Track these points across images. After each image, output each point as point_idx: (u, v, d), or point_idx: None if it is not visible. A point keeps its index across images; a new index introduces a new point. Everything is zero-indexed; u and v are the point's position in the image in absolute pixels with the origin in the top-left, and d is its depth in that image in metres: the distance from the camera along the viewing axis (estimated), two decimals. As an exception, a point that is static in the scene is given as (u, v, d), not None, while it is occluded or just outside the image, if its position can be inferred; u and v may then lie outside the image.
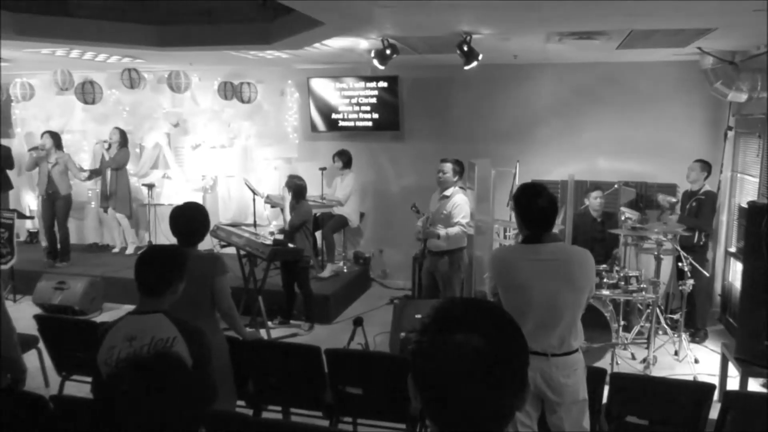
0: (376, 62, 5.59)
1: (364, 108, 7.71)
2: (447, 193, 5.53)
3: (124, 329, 2.40)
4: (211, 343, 2.63)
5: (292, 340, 5.75)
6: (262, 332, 5.76)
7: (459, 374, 0.99)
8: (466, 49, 5.16)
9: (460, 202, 5.46)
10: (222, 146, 8.29)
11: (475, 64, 5.36)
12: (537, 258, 2.82)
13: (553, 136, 7.24)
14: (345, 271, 7.49)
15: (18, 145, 8.62)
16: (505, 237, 6.68)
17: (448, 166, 5.53)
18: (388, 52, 5.44)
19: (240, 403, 3.71)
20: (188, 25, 5.46)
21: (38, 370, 4.68)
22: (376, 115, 7.68)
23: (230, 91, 7.74)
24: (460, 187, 5.98)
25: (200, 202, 7.60)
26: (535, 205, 2.83)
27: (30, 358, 4.04)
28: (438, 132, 7.59)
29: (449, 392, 1.00)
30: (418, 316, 4.86)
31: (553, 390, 2.81)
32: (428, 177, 5.76)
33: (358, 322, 4.60)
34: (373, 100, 7.65)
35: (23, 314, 5.02)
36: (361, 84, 7.66)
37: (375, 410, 3.61)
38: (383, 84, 7.56)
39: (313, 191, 7.51)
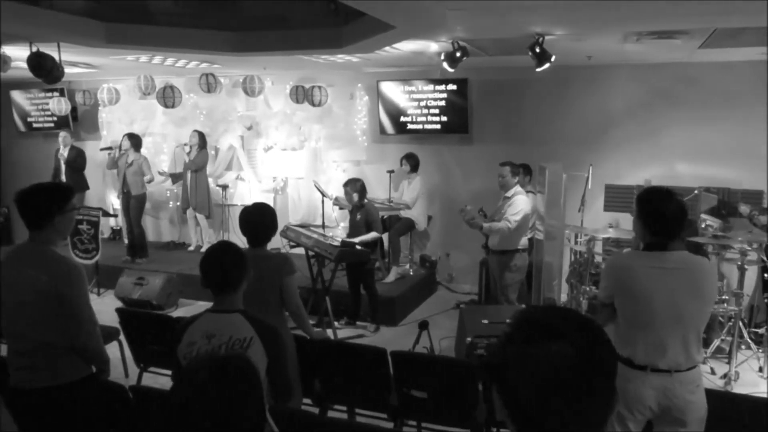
0: (445, 65, 5.57)
1: (432, 111, 7.70)
2: (508, 194, 5.56)
3: (203, 326, 2.48)
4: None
5: (358, 341, 5.80)
6: (329, 332, 5.83)
7: (549, 385, 0.98)
8: (538, 50, 5.06)
9: (515, 201, 5.47)
10: (293, 149, 8.47)
11: (547, 65, 5.25)
12: (662, 266, 2.65)
13: (628, 139, 6.99)
14: (411, 274, 7.49)
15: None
16: (576, 243, 6.51)
17: (506, 170, 5.56)
18: (458, 54, 5.41)
19: (306, 401, 3.78)
20: (263, 30, 5.62)
21: (119, 360, 4.92)
22: (444, 118, 7.66)
23: (302, 94, 7.89)
24: (529, 191, 5.91)
25: (271, 203, 7.82)
26: (665, 210, 2.65)
27: (111, 349, 4.25)
28: (507, 135, 7.48)
29: (539, 403, 0.99)
30: (485, 321, 4.80)
31: (677, 408, 2.63)
32: (497, 180, 5.72)
33: (423, 325, 4.59)
34: (442, 103, 7.63)
35: (106, 307, 5.28)
36: (430, 87, 7.65)
37: (440, 415, 3.58)
38: (452, 87, 7.52)
39: (380, 194, 7.56)
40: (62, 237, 2.94)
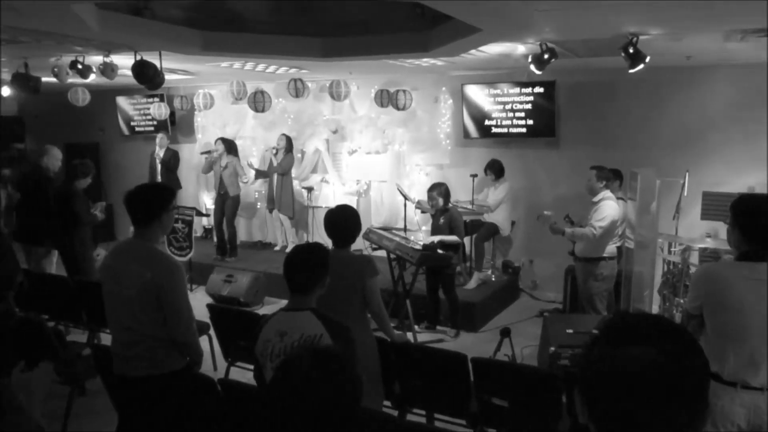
0: (533, 67, 5.45)
1: (518, 114, 7.56)
2: (595, 199, 5.39)
3: (276, 325, 2.56)
4: (359, 341, 2.72)
5: (438, 345, 5.77)
6: (409, 335, 5.84)
7: (633, 389, 0.96)
8: (632, 51, 4.86)
9: (601, 207, 5.30)
10: (376, 152, 8.57)
11: (641, 66, 5.03)
12: (758, 277, 2.50)
13: (729, 144, 6.57)
14: (493, 279, 7.39)
15: (198, 150, 9.55)
16: (669, 252, 6.19)
17: (592, 173, 5.45)
18: (546, 56, 5.27)
19: (386, 403, 3.80)
20: (350, 36, 5.72)
21: (209, 354, 5.13)
22: (530, 122, 7.50)
23: (386, 98, 7.96)
24: (619, 198, 5.70)
25: (354, 205, 7.93)
26: (765, 218, 2.53)
27: (202, 343, 4.42)
28: (596, 139, 7.23)
29: (622, 408, 0.97)
30: (570, 330, 4.67)
31: None
32: (584, 186, 5.54)
33: (505, 332, 4.51)
34: (528, 106, 7.47)
35: (198, 303, 5.51)
36: (516, 90, 7.51)
37: (521, 424, 3.50)
38: (539, 89, 7.36)
39: (463, 197, 7.49)
40: (164, 233, 3.14)
